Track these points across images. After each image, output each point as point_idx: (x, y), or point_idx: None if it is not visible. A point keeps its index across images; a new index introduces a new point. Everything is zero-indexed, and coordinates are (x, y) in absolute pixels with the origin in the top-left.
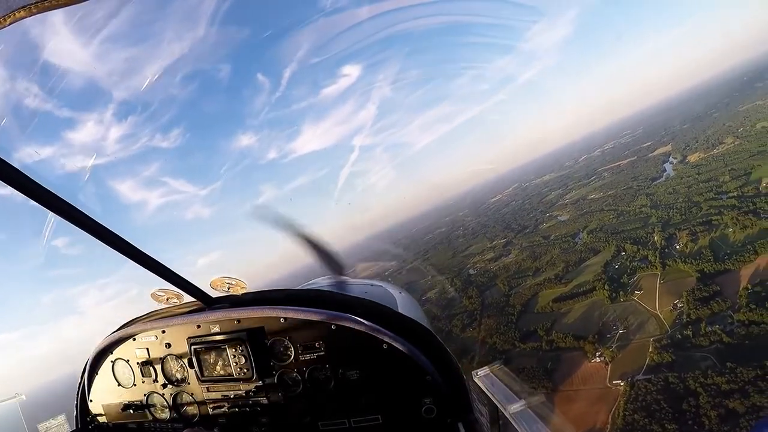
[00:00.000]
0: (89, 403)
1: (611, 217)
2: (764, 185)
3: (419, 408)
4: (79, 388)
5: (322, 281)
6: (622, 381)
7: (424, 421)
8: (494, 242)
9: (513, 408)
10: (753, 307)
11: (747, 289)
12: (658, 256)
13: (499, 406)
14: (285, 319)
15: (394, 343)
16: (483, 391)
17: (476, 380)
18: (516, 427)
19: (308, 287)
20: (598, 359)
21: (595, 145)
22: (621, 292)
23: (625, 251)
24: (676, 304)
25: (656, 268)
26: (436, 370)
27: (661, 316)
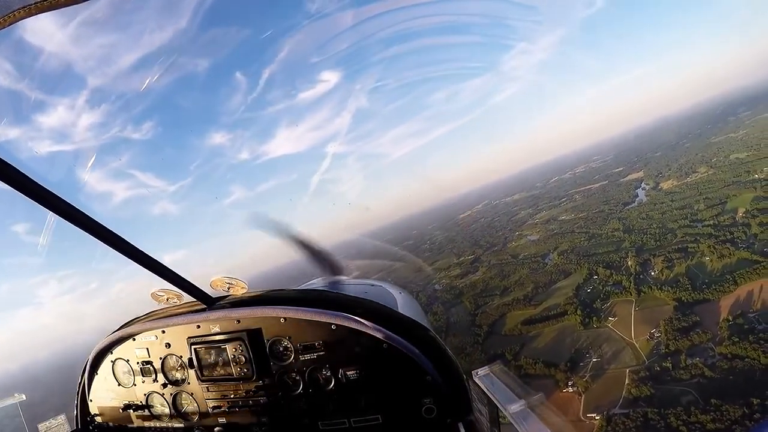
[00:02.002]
0: (89, 403)
1: (583, 239)
2: (741, 215)
3: (419, 408)
4: (79, 388)
5: (322, 281)
6: (597, 414)
7: (424, 421)
8: (461, 258)
9: (513, 408)
10: (736, 340)
11: (728, 320)
12: (632, 281)
13: (499, 406)
14: (285, 319)
15: (394, 344)
16: (483, 391)
17: (476, 380)
18: (516, 427)
19: (308, 287)
20: (570, 389)
21: (565, 168)
22: (594, 318)
23: (598, 275)
24: (653, 334)
25: (631, 294)
26: (436, 370)
27: (638, 346)
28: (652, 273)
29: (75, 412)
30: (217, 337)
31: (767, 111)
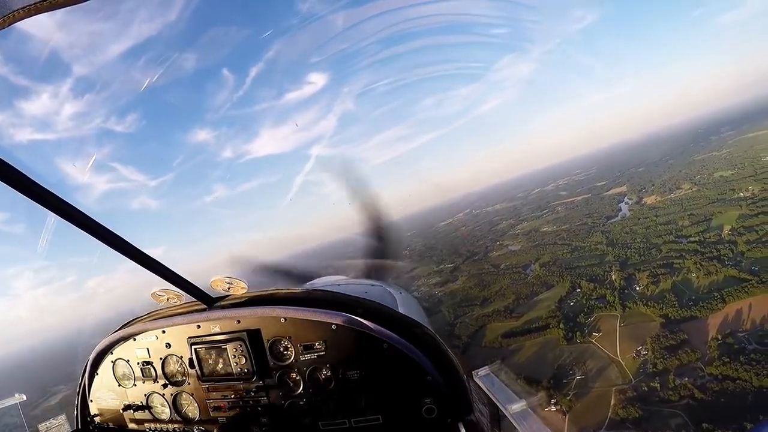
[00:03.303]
0: (89, 403)
1: (565, 251)
2: (727, 232)
3: (420, 408)
4: (79, 388)
5: (322, 281)
6: None
7: (424, 422)
8: (441, 266)
9: (514, 408)
10: (726, 360)
11: (717, 339)
12: (617, 296)
13: (499, 406)
14: (285, 319)
15: (394, 344)
16: (483, 391)
17: (476, 380)
18: (517, 427)
19: (308, 287)
20: (553, 407)
21: (548, 179)
22: (577, 332)
23: (581, 288)
24: (639, 351)
25: (615, 309)
26: (437, 370)
27: (624, 363)
28: (637, 288)
29: (75, 413)
30: (218, 337)
31: (750, 131)
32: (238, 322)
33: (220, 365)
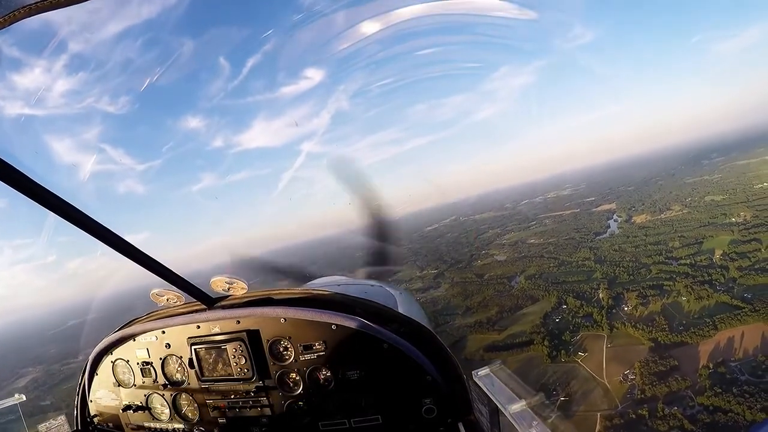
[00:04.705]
0: (89, 403)
1: (552, 265)
2: (718, 257)
3: (419, 408)
4: (79, 388)
5: (322, 281)
6: None
7: (424, 422)
8: (424, 272)
9: (513, 408)
10: (718, 390)
11: (708, 368)
12: (604, 315)
13: (499, 406)
14: (285, 319)
15: (394, 344)
16: (483, 391)
17: (476, 380)
18: (516, 427)
19: (308, 287)
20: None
21: (536, 192)
22: (562, 351)
23: (567, 304)
24: (626, 375)
25: (603, 329)
26: (436, 370)
27: (610, 387)
28: (626, 308)
29: (75, 413)
30: (218, 338)
31: (742, 158)
32: (238, 322)
33: (220, 366)
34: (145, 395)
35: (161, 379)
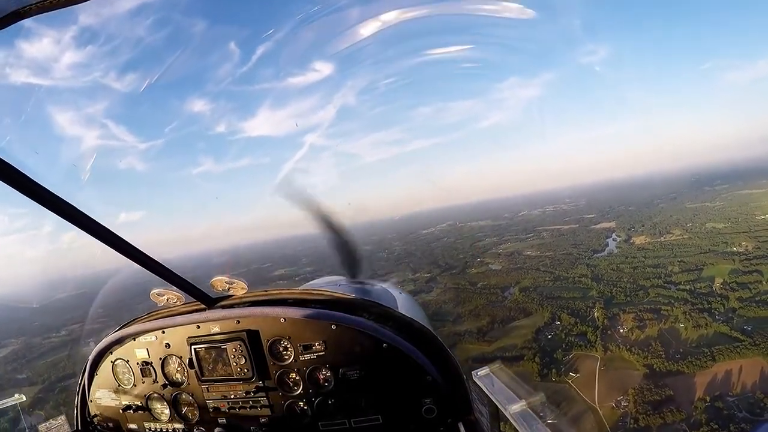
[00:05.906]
0: (89, 403)
1: (547, 279)
2: (718, 285)
3: (419, 408)
4: (79, 388)
5: (322, 281)
6: None
7: (424, 422)
8: (417, 274)
9: (513, 408)
10: (715, 427)
11: (705, 401)
12: (598, 335)
13: (499, 406)
14: (285, 319)
15: (394, 343)
16: (483, 391)
17: (476, 380)
18: (516, 427)
19: (308, 287)
20: None
21: (535, 204)
22: (553, 369)
23: (561, 321)
24: (619, 401)
25: (596, 350)
26: (437, 370)
27: (601, 413)
28: (621, 330)
29: (75, 413)
30: (217, 338)
31: (745, 188)
32: (238, 322)
33: (220, 366)
34: (145, 395)
35: (161, 379)
